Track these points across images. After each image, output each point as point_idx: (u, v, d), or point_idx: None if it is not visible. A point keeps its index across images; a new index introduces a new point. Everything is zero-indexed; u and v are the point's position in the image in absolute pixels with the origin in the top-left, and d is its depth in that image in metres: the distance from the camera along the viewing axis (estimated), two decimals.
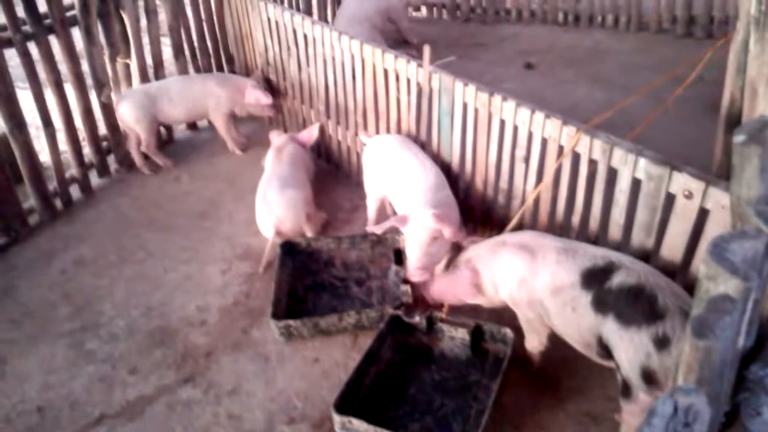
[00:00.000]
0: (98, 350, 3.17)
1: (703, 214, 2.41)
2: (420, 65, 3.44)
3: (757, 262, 1.02)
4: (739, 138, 1.32)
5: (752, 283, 1.00)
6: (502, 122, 3.12)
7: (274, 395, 2.89)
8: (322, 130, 4.42)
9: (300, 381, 2.94)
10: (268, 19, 4.47)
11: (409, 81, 3.56)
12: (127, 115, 4.33)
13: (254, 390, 2.92)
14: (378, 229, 3.14)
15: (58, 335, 3.26)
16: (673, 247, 2.55)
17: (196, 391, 2.93)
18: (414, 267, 2.95)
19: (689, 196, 2.41)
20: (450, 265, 3.01)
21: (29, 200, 4.03)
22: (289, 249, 3.56)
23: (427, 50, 3.35)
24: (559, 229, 3.03)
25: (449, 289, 2.85)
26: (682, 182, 2.43)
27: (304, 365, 3.02)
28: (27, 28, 3.79)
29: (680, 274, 2.54)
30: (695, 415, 0.97)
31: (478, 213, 3.51)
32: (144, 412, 2.85)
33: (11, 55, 3.72)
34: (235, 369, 3.03)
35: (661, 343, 2.18)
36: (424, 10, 7.08)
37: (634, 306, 2.26)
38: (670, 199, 2.51)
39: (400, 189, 3.31)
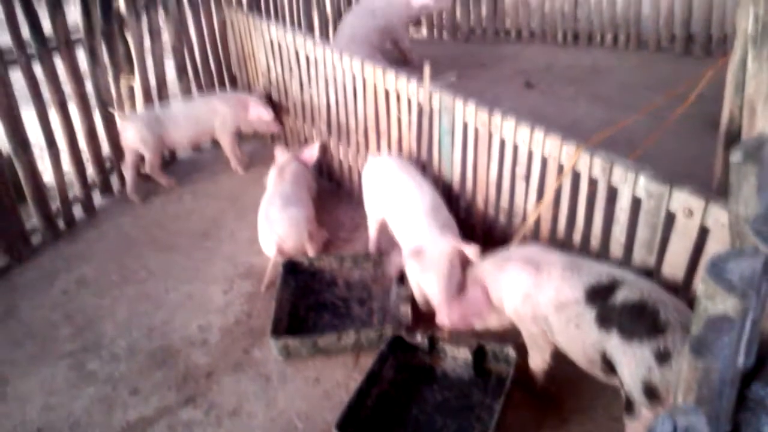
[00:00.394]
0: (99, 371, 3.16)
1: (704, 232, 2.41)
2: (420, 84, 3.46)
3: (755, 281, 1.02)
4: (736, 157, 1.33)
5: (750, 302, 1.00)
6: (503, 141, 3.14)
7: (275, 416, 2.87)
8: (324, 149, 4.45)
9: (301, 401, 2.92)
10: (271, 40, 4.53)
11: (409, 100, 3.59)
12: (133, 138, 4.35)
13: (255, 411, 2.90)
14: (395, 269, 3.00)
15: (59, 356, 3.25)
16: (674, 265, 2.55)
17: (197, 412, 2.91)
18: (444, 304, 2.81)
19: (689, 214, 2.41)
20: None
21: (32, 220, 4.05)
22: (292, 268, 3.56)
23: (427, 69, 3.38)
24: (560, 246, 3.03)
25: (469, 312, 2.81)
26: (682, 200, 2.43)
27: (305, 385, 3.00)
28: (32, 49, 3.83)
29: (682, 291, 2.53)
30: None
31: (479, 232, 3.51)
32: None
33: (16, 76, 3.76)
34: (236, 389, 3.01)
35: (662, 357, 2.18)
36: (424, 30, 7.15)
37: (637, 321, 2.27)
38: (670, 216, 2.51)
39: (397, 212, 3.29)
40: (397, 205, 3.30)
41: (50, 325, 3.45)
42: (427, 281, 2.88)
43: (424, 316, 3.16)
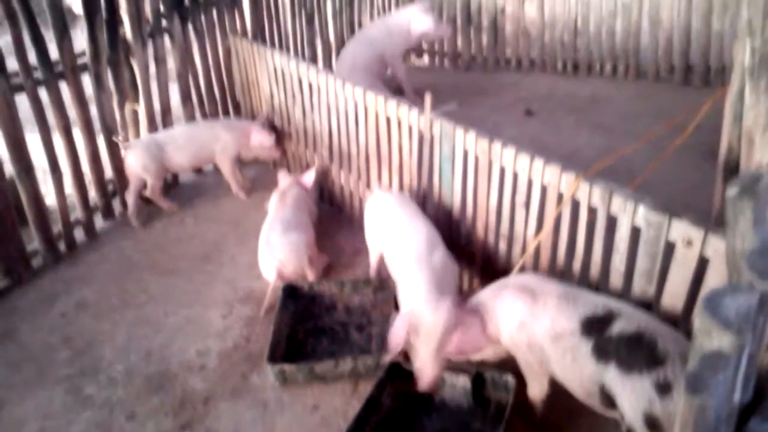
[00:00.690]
0: (96, 395, 3.14)
1: (703, 262, 2.42)
2: (421, 112, 3.50)
3: (751, 317, 1.02)
4: (732, 191, 1.34)
5: (746, 338, 1.01)
6: (502, 169, 3.16)
7: None
8: (325, 174, 4.48)
9: (299, 428, 2.90)
10: (275, 68, 4.59)
11: (410, 128, 3.63)
12: (136, 163, 4.40)
13: None
14: (395, 350, 2.84)
15: (56, 380, 3.24)
16: (674, 295, 2.55)
17: None
18: (429, 372, 2.72)
19: (689, 244, 2.42)
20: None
21: (33, 243, 4.06)
22: (292, 292, 3.56)
23: (428, 98, 3.43)
24: (560, 275, 3.03)
25: (465, 343, 2.78)
26: (681, 230, 2.44)
27: (303, 412, 2.98)
28: (38, 74, 3.88)
29: (683, 322, 2.53)
30: None
31: (479, 259, 3.51)
32: None
33: (21, 99, 3.80)
34: (233, 416, 2.99)
35: (663, 388, 2.17)
36: (426, 58, 7.24)
37: (635, 352, 2.26)
38: (670, 246, 2.51)
39: (393, 252, 3.27)
40: (392, 246, 3.29)
41: (48, 349, 3.44)
42: (418, 347, 2.77)
43: None
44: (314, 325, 3.48)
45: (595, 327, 2.39)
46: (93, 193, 4.45)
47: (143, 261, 4.13)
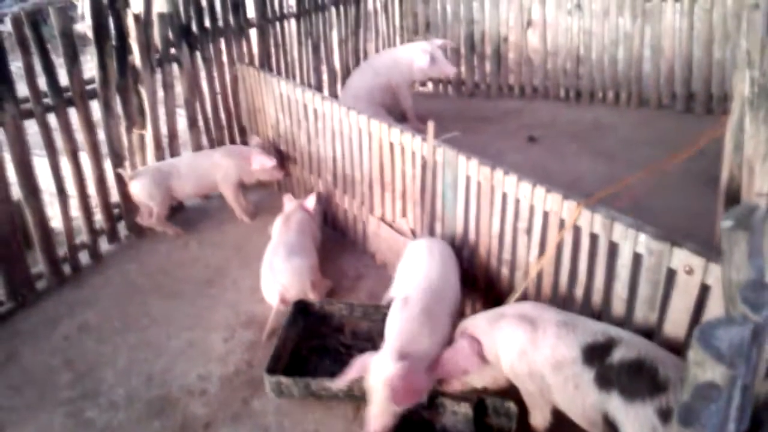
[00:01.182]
0: (97, 419, 3.13)
1: (705, 290, 2.42)
2: (424, 139, 3.54)
3: (744, 349, 1.03)
4: (726, 223, 1.36)
5: (738, 370, 1.01)
6: (505, 195, 3.19)
7: None
8: (329, 199, 4.52)
9: None
10: (280, 95, 4.66)
11: (414, 154, 3.67)
12: (140, 192, 4.46)
13: None
14: (344, 382, 2.83)
15: (57, 403, 3.23)
16: (676, 323, 2.54)
17: None
18: (373, 425, 2.64)
19: (690, 271, 2.42)
20: None
21: (38, 265, 4.08)
22: (303, 308, 3.56)
23: (431, 125, 3.48)
24: (562, 301, 3.03)
25: (453, 364, 2.79)
26: (682, 258, 2.45)
27: None
28: (47, 100, 3.95)
29: (685, 349, 2.52)
30: None
31: (482, 284, 3.52)
32: None
33: (29, 123, 3.84)
34: None
35: (666, 415, 2.16)
36: (430, 85, 7.33)
37: (637, 380, 2.26)
38: (672, 273, 2.52)
39: (399, 286, 3.25)
40: (401, 283, 3.28)
41: (50, 371, 3.44)
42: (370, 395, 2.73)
43: None
44: (319, 344, 3.48)
45: (596, 355, 2.39)
46: (99, 217, 4.48)
47: (147, 284, 4.15)
